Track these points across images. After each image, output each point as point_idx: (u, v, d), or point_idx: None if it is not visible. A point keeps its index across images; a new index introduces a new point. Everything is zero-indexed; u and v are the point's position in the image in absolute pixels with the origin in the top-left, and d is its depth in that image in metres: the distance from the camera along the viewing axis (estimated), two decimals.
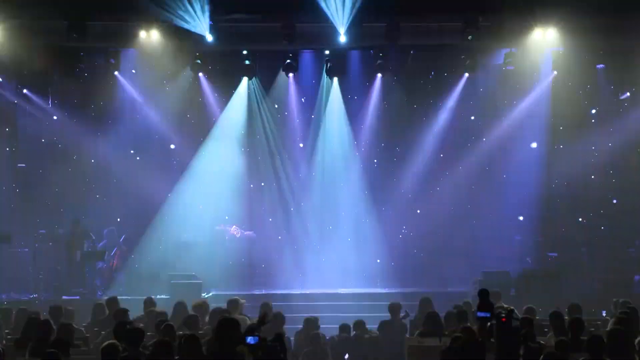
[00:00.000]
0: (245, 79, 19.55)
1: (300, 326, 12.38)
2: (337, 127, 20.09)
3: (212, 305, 12.29)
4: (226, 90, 19.96)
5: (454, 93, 19.85)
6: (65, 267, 18.18)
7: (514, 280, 17.04)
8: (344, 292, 18.12)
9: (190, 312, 11.78)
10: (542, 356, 8.49)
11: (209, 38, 16.98)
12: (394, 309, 12.58)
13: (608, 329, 10.16)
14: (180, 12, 16.41)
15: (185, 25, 16.62)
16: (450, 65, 19.25)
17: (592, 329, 10.96)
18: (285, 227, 20.19)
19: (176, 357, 8.81)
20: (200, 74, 19.29)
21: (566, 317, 10.84)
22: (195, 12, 16.48)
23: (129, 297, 15.05)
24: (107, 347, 8.72)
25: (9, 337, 11.19)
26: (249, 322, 11.55)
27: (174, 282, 16.70)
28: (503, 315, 8.30)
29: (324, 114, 20.06)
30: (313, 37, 17.45)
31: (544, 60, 18.89)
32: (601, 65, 18.93)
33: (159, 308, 12.42)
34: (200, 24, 16.70)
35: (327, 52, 18.40)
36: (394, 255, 19.65)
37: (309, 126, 20.28)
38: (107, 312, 12.39)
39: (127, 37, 17.22)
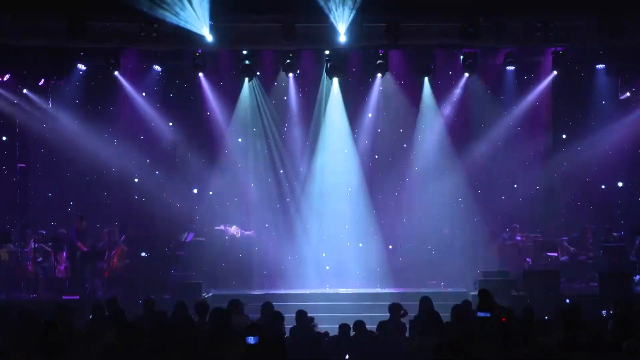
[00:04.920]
0: (245, 79, 19.54)
1: None
2: (337, 127, 20.07)
3: (212, 305, 12.27)
4: (226, 90, 19.97)
5: (454, 93, 19.87)
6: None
7: (514, 280, 17.03)
8: (344, 292, 18.11)
9: (190, 312, 11.79)
10: (544, 356, 8.50)
11: (209, 38, 16.95)
12: (394, 309, 12.56)
13: (608, 329, 10.17)
14: (180, 12, 16.39)
15: (185, 25, 16.60)
16: (450, 65, 19.25)
17: (592, 329, 10.93)
18: (285, 226, 20.17)
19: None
20: (200, 74, 19.32)
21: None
22: (195, 12, 16.46)
23: (129, 297, 15.03)
24: (107, 347, 8.72)
25: (9, 337, 11.16)
26: (249, 322, 11.56)
27: (174, 282, 16.69)
28: (503, 315, 8.31)
29: (324, 114, 20.05)
30: (313, 37, 17.41)
31: (544, 60, 18.91)
32: (601, 66, 18.94)
33: (158, 308, 12.41)
34: (200, 24, 16.68)
35: (327, 52, 18.39)
36: (394, 254, 19.65)
37: (308, 126, 20.27)
38: (107, 312, 12.37)
39: (127, 37, 17.19)
